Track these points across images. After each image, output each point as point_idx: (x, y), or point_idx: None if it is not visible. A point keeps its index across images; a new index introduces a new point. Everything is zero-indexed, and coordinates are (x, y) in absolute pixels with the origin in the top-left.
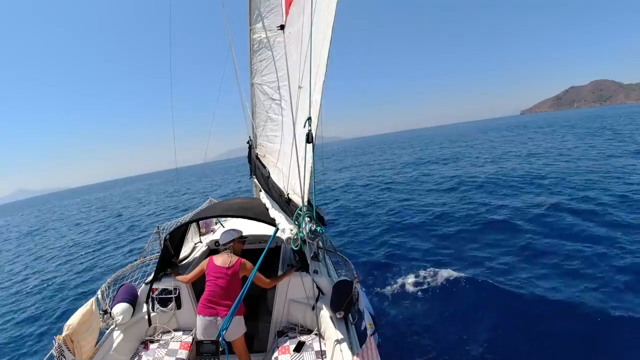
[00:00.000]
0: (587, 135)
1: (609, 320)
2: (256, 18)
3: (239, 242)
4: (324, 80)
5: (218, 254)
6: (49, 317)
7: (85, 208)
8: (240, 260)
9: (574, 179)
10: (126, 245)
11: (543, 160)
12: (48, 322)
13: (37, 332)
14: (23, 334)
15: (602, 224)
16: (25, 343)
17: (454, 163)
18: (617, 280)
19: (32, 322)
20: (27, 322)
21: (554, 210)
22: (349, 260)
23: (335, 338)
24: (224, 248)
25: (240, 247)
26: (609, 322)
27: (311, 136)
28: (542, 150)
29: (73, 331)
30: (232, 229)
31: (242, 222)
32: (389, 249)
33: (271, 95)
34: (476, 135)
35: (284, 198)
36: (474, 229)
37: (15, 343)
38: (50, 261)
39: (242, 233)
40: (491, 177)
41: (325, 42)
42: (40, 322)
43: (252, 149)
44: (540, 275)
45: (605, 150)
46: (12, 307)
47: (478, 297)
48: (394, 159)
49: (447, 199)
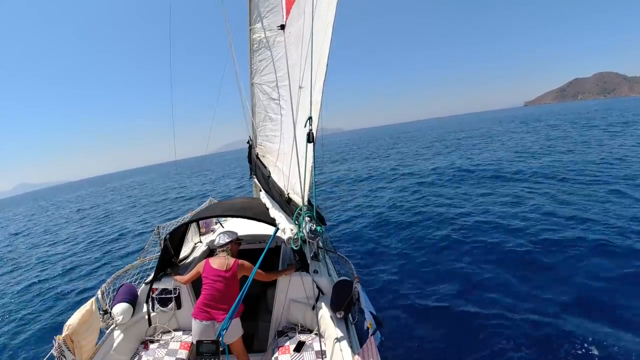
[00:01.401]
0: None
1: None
2: (256, 18)
3: (235, 243)
4: (325, 79)
5: (214, 255)
6: (49, 317)
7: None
8: (238, 262)
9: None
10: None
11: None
12: (48, 322)
13: (37, 332)
14: (22, 334)
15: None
16: (25, 343)
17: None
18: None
19: (32, 322)
20: (27, 322)
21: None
22: (349, 260)
23: (336, 338)
24: (221, 250)
25: (236, 249)
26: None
27: (312, 136)
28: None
29: (73, 331)
30: (228, 231)
31: (242, 222)
32: (390, 249)
33: (271, 94)
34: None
35: (284, 198)
36: (482, 229)
37: (15, 343)
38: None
39: (237, 235)
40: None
41: (325, 41)
42: (40, 322)
43: (252, 148)
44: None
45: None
46: (12, 306)
47: (482, 298)
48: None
49: (456, 194)
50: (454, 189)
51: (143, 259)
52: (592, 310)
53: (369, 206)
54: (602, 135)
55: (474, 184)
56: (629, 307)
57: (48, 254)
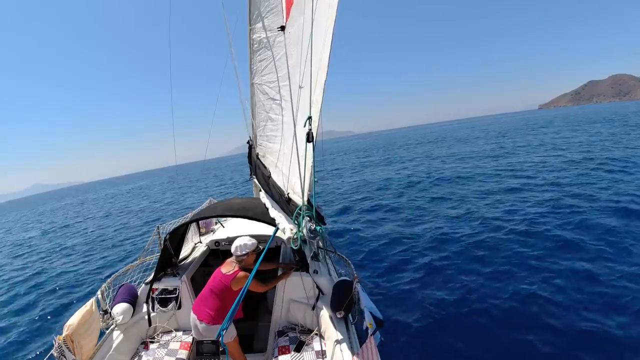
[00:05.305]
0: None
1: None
2: (256, 18)
3: (252, 253)
4: (326, 79)
5: (229, 258)
6: (49, 317)
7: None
8: (236, 274)
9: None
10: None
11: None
12: (48, 322)
13: (37, 332)
14: (22, 334)
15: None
16: (25, 343)
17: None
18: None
19: (32, 322)
20: (27, 321)
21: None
22: (349, 259)
23: (336, 338)
24: (239, 260)
25: (251, 260)
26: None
27: (311, 135)
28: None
29: (73, 331)
30: (248, 237)
31: (242, 222)
32: (391, 249)
33: (271, 95)
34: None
35: (284, 198)
36: (487, 234)
37: (15, 343)
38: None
39: (257, 244)
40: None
41: (326, 40)
42: (40, 322)
43: (252, 149)
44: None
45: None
46: (12, 306)
47: (482, 298)
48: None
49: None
50: (453, 189)
51: (143, 259)
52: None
53: (370, 206)
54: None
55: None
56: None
57: (52, 252)
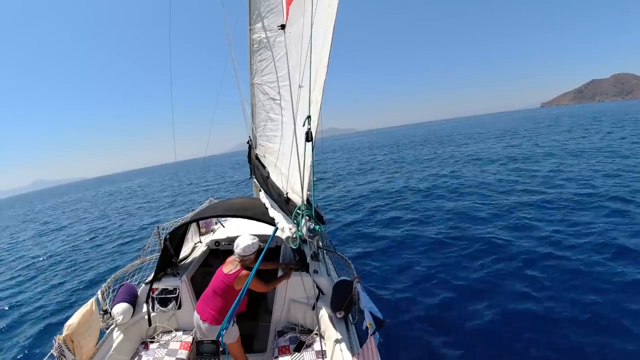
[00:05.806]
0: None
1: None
2: (256, 18)
3: (256, 253)
4: (325, 78)
5: (230, 257)
6: (49, 317)
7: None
8: (239, 273)
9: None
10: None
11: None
12: (48, 323)
13: (37, 332)
14: (22, 334)
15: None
16: (25, 343)
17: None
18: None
19: (32, 322)
20: (27, 322)
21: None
22: (349, 259)
23: (336, 338)
24: (243, 259)
25: (254, 258)
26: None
27: (311, 135)
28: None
29: (73, 331)
30: (252, 237)
31: (242, 222)
32: (391, 249)
33: (271, 95)
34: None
35: (283, 197)
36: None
37: (15, 343)
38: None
39: (259, 244)
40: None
41: (326, 40)
42: (40, 322)
43: (252, 149)
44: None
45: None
46: (12, 306)
47: (482, 298)
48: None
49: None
50: (454, 189)
51: (143, 258)
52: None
53: (369, 206)
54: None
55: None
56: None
57: (48, 251)
